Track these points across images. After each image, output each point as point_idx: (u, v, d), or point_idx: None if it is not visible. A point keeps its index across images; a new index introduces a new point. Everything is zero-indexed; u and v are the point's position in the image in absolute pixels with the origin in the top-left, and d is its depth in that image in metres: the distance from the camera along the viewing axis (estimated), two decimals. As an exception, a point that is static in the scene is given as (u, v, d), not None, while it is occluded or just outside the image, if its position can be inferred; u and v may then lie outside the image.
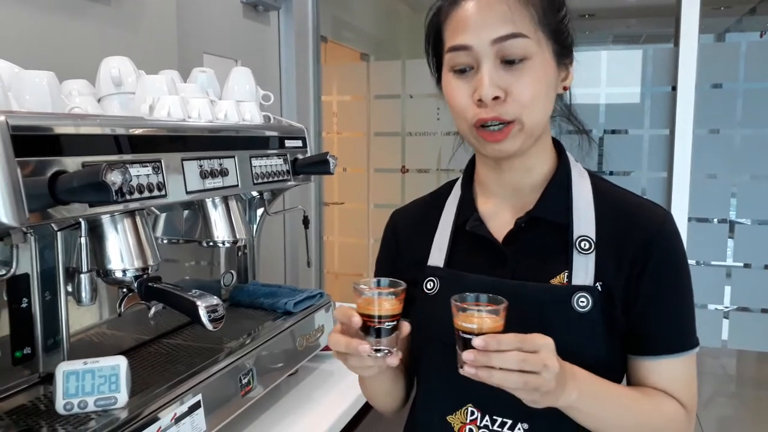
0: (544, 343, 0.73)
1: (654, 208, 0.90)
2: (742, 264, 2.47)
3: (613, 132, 2.66)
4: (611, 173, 2.67)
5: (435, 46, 0.91)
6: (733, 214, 2.51)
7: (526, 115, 0.83)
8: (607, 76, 2.64)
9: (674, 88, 2.47)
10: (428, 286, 0.92)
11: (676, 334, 0.87)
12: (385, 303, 0.76)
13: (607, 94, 2.64)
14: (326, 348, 1.64)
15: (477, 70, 0.83)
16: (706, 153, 2.48)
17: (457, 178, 1.02)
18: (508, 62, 0.81)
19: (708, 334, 2.47)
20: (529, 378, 0.71)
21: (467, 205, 0.95)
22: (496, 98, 0.81)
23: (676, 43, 2.43)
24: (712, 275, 2.49)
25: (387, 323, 0.77)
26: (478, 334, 0.71)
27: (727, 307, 2.49)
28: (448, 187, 1.02)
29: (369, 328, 0.77)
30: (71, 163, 0.92)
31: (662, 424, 0.86)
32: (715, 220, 2.53)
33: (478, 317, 0.73)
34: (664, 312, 0.86)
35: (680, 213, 2.45)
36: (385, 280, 0.81)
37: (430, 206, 1.01)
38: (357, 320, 0.77)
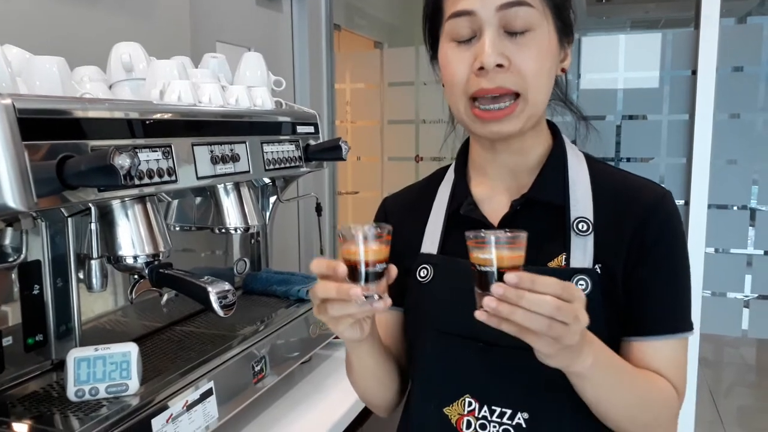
0: (580, 295, 0.69)
1: (653, 187, 0.87)
2: (762, 252, 2.42)
3: (631, 117, 2.61)
4: (629, 160, 2.62)
5: (432, 20, 0.89)
6: (754, 201, 2.46)
7: (531, 91, 0.80)
8: (625, 60, 2.59)
9: (694, 72, 2.41)
10: (422, 274, 0.89)
11: (671, 315, 0.85)
12: (372, 245, 0.71)
13: (625, 79, 2.60)
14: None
15: (479, 38, 0.80)
16: (726, 138, 2.43)
17: (450, 164, 0.99)
18: (512, 33, 0.79)
19: (728, 323, 2.41)
20: (554, 324, 0.65)
21: (461, 188, 0.93)
22: (499, 66, 0.78)
23: (697, 26, 2.38)
24: (733, 263, 2.44)
25: (377, 266, 0.71)
26: (500, 268, 0.66)
27: (747, 296, 2.44)
28: (440, 173, 1.00)
29: (357, 273, 0.71)
30: (80, 148, 0.91)
31: (660, 403, 0.83)
32: (736, 207, 2.48)
33: (497, 248, 0.66)
34: (659, 291, 0.84)
35: (700, 200, 2.40)
36: (369, 224, 0.74)
37: (422, 193, 0.98)
38: (342, 269, 0.71)
